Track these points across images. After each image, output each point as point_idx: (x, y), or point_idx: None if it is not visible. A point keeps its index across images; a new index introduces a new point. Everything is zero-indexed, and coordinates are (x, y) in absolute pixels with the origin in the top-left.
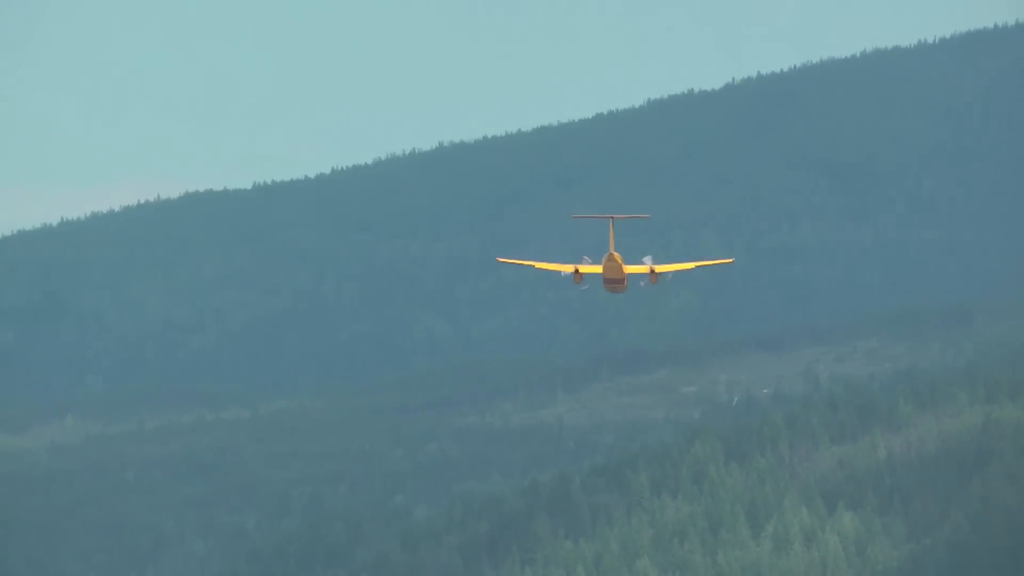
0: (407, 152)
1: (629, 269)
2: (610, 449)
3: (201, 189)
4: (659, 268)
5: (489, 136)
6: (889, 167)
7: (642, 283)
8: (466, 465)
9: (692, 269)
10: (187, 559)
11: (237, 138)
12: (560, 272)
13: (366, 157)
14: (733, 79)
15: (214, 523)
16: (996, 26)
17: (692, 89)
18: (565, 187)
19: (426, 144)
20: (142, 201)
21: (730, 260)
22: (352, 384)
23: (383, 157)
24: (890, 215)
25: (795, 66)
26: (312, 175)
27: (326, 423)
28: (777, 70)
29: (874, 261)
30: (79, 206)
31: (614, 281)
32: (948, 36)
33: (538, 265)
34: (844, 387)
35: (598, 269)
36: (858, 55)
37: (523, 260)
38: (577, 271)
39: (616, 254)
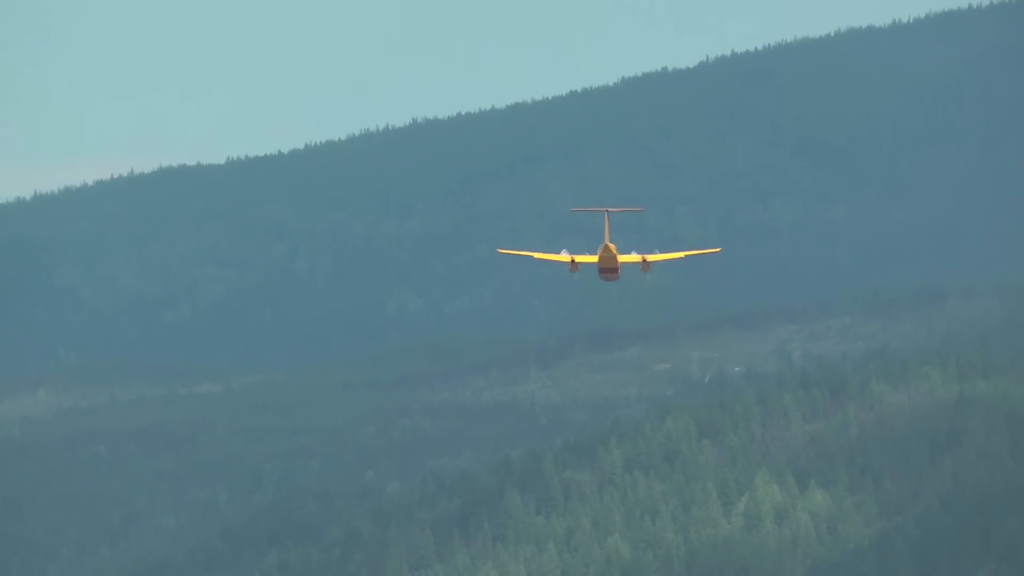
0: (381, 128)
1: (623, 259)
2: (582, 426)
3: (175, 164)
4: (651, 258)
5: (463, 113)
6: (863, 147)
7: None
8: (438, 441)
9: (682, 258)
10: (158, 533)
11: (211, 113)
12: (561, 263)
13: (340, 133)
14: (707, 57)
15: (186, 497)
16: (971, 6)
17: (666, 67)
18: (538, 164)
19: (400, 120)
20: (115, 176)
21: (717, 250)
22: (325, 360)
23: (357, 133)
24: (864, 194)
25: (769, 45)
26: (286, 151)
27: (298, 398)
28: (751, 49)
29: (847, 240)
30: (52, 180)
31: (609, 271)
32: (923, 16)
33: (537, 256)
34: (817, 365)
35: (593, 259)
36: (832, 34)
37: (520, 251)
38: (573, 261)
39: (611, 245)
